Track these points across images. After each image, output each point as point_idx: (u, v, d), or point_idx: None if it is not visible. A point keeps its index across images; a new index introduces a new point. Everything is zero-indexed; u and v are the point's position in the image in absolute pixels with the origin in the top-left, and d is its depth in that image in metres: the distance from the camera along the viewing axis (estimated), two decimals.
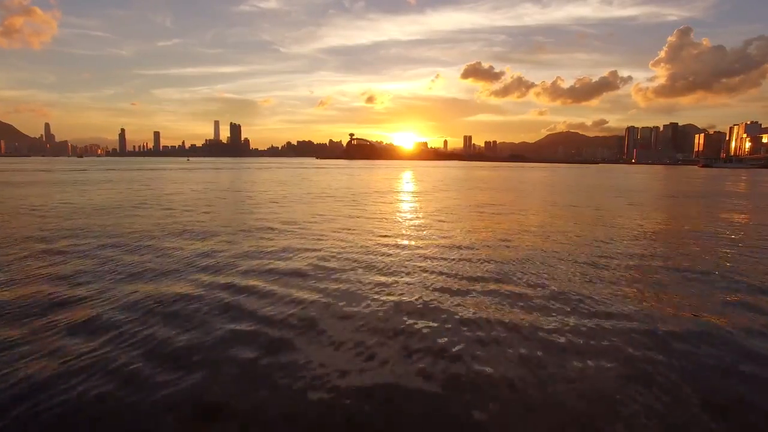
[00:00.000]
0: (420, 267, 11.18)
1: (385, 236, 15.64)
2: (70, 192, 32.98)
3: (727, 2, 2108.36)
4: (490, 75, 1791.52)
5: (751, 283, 10.12)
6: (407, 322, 7.45)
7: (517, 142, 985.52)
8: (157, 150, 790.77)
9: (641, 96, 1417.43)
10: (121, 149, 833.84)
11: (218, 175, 66.60)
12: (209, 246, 13.47)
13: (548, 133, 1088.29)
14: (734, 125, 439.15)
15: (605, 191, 41.81)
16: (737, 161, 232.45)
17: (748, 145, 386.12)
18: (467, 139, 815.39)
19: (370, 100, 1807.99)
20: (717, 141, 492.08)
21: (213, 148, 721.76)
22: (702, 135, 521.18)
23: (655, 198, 35.42)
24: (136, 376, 5.56)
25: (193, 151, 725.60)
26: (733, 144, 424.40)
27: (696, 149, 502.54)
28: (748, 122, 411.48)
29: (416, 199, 31.40)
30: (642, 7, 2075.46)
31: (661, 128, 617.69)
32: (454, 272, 10.67)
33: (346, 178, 61.57)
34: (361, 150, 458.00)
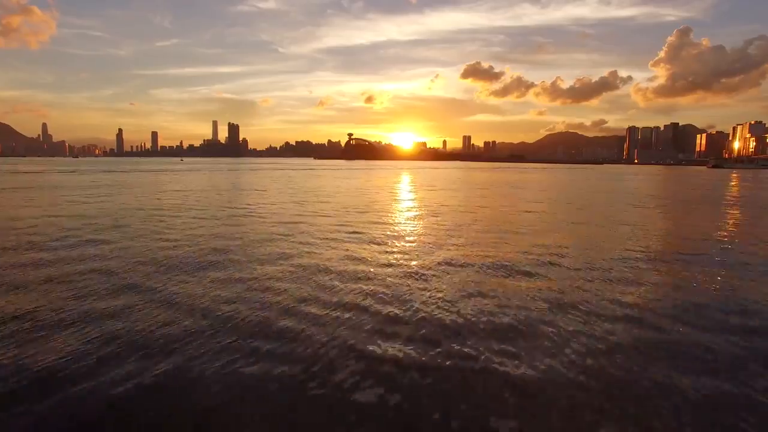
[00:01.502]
0: None
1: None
2: None
3: (726, 2, 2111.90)
4: (489, 75, 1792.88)
5: None
6: None
7: (516, 142, 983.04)
8: (155, 150, 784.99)
9: (641, 96, 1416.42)
10: (119, 149, 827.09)
11: (202, 179, 60.14)
12: None
13: (547, 133, 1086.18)
14: (737, 125, 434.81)
15: (683, 203, 35.60)
16: (748, 161, 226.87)
17: (752, 144, 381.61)
18: (466, 139, 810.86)
19: (369, 100, 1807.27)
20: (718, 141, 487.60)
21: (210, 149, 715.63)
22: (704, 135, 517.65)
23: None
24: None
25: (191, 152, 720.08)
26: (736, 144, 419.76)
27: (698, 149, 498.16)
28: (752, 122, 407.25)
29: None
30: (640, 8, 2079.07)
31: (662, 128, 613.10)
32: None
33: (343, 184, 55.30)
34: (359, 150, 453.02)
